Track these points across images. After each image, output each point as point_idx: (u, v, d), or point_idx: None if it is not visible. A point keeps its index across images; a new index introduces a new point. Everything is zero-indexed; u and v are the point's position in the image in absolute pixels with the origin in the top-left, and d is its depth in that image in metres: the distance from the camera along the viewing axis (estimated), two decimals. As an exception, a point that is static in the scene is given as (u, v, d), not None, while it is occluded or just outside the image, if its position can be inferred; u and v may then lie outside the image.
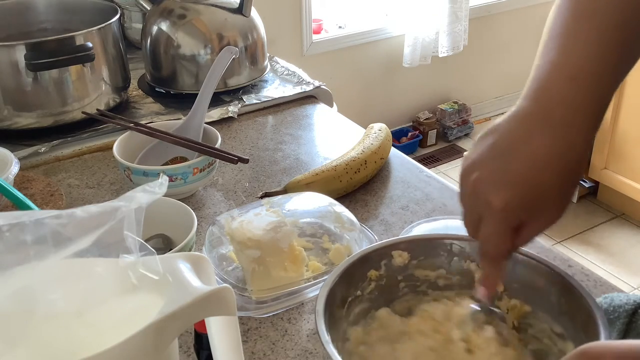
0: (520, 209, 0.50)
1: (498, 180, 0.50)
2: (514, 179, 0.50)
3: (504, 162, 0.50)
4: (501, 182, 0.50)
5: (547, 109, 0.50)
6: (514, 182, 0.50)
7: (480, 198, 0.51)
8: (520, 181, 0.49)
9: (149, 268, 0.45)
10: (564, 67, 0.50)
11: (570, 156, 0.50)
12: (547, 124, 0.49)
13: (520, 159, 0.50)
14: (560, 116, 0.49)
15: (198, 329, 0.54)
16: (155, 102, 1.20)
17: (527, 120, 0.50)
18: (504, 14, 3.17)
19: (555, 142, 0.49)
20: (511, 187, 0.50)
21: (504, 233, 0.51)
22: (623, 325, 0.58)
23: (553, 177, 0.49)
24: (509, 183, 0.50)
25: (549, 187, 0.50)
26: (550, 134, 0.49)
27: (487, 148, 0.51)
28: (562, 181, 0.50)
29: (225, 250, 0.74)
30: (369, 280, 0.60)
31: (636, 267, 2.36)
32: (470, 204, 0.53)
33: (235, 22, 1.19)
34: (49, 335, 0.43)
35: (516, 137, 0.50)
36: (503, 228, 0.51)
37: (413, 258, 0.61)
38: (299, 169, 1.00)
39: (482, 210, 0.51)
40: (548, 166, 0.49)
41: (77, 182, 0.97)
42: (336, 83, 2.39)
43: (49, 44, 1.02)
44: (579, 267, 0.77)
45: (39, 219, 0.41)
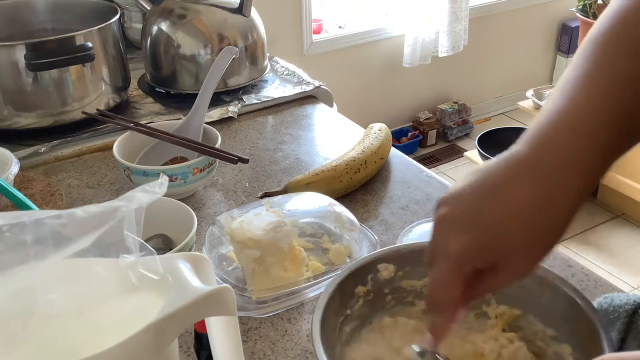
0: (478, 257, 0.46)
1: (463, 221, 0.46)
2: (479, 223, 0.46)
3: (475, 204, 0.46)
4: (465, 223, 0.46)
5: (537, 155, 0.46)
6: (478, 227, 0.46)
7: (441, 236, 0.48)
8: (486, 227, 0.45)
9: (149, 268, 0.45)
10: (568, 117, 0.46)
11: (549, 211, 0.44)
12: (533, 171, 0.45)
13: (492, 204, 0.45)
14: (548, 165, 0.45)
15: (198, 329, 0.54)
16: (155, 102, 1.20)
17: (514, 164, 0.46)
18: (504, 14, 3.17)
19: (535, 191, 0.44)
20: (474, 232, 0.46)
21: (453, 279, 0.47)
22: (623, 325, 0.58)
23: (523, 230, 0.45)
24: (473, 227, 0.46)
25: (516, 239, 0.45)
26: (532, 182, 0.45)
27: (467, 185, 0.48)
28: (534, 236, 0.45)
29: (225, 250, 0.74)
30: (357, 297, 0.59)
31: (636, 267, 2.36)
32: (433, 241, 0.49)
33: (235, 22, 1.19)
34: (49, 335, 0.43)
35: (497, 180, 0.46)
36: (453, 274, 0.47)
37: (399, 269, 0.61)
38: (299, 169, 1.00)
39: (438, 248, 0.48)
40: (520, 216, 0.44)
41: (77, 182, 0.97)
42: (336, 83, 2.39)
43: (49, 44, 1.02)
44: (579, 267, 0.76)
45: (39, 219, 0.41)
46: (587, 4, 2.84)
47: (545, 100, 0.51)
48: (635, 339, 0.57)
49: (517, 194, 0.45)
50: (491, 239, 0.45)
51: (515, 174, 0.46)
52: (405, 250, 0.62)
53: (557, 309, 0.55)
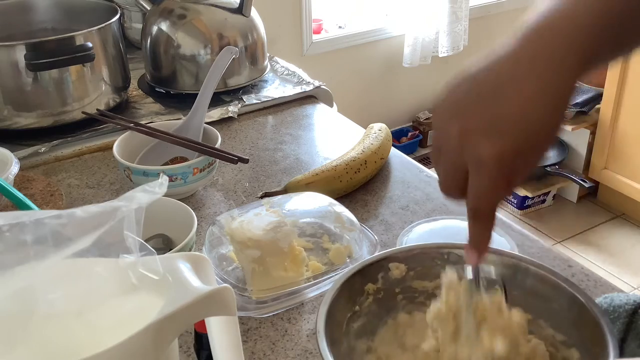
0: (516, 154, 0.46)
1: (487, 128, 0.46)
2: (506, 125, 0.45)
3: (491, 107, 0.46)
4: (492, 130, 0.45)
5: (538, 46, 0.46)
6: (506, 129, 0.45)
7: (469, 151, 0.46)
8: (512, 127, 0.45)
9: (149, 268, 0.45)
10: (567, 10, 0.46)
11: (561, 99, 0.46)
12: (537, 61, 0.45)
13: (509, 103, 0.45)
14: (553, 51, 0.45)
15: (198, 329, 0.54)
16: (155, 102, 1.20)
17: (513, 60, 0.46)
18: (504, 14, 3.17)
19: (549, 84, 0.45)
20: (504, 135, 0.45)
21: (500, 186, 0.47)
22: (623, 325, 0.58)
23: (544, 118, 0.46)
24: (501, 130, 0.45)
25: (540, 129, 0.46)
26: (540, 72, 0.45)
27: (465, 93, 0.47)
28: (553, 120, 0.46)
29: (225, 250, 0.74)
30: (367, 295, 0.59)
31: (636, 267, 2.36)
32: (454, 159, 0.48)
33: (235, 22, 1.19)
34: (49, 335, 0.43)
35: (501, 79, 0.46)
36: (499, 181, 0.46)
37: (410, 269, 0.60)
38: (299, 169, 1.00)
39: (471, 164, 0.47)
40: (539, 107, 0.45)
41: (77, 182, 0.97)
42: (336, 83, 2.39)
43: (49, 44, 1.02)
44: (579, 267, 0.76)
45: (39, 219, 0.41)
46: (587, 4, 2.84)
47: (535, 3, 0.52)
48: (635, 339, 0.57)
49: (531, 86, 0.45)
50: (520, 136, 0.45)
51: (516, 71, 0.46)
52: (417, 251, 0.62)
53: (567, 313, 0.54)
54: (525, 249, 0.79)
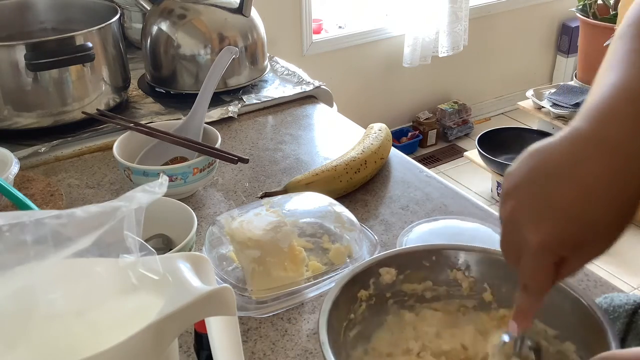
0: (561, 245, 0.44)
1: (537, 210, 0.44)
2: (556, 210, 0.44)
3: (546, 188, 0.44)
4: (540, 212, 0.44)
5: (602, 131, 0.44)
6: (555, 214, 0.44)
7: (517, 229, 0.46)
8: (563, 212, 0.44)
9: (149, 268, 0.45)
10: (626, 89, 0.45)
11: (624, 185, 0.43)
12: (600, 147, 0.43)
13: (564, 186, 0.43)
14: (615, 139, 0.43)
15: (198, 329, 0.54)
16: (155, 102, 1.20)
17: (578, 142, 0.44)
18: (504, 14, 3.17)
19: (608, 167, 0.43)
20: (551, 220, 0.44)
21: (545, 269, 0.46)
22: (623, 325, 0.58)
23: (601, 209, 0.43)
24: (550, 214, 0.44)
25: (596, 220, 0.43)
26: (602, 158, 0.43)
27: (529, 169, 0.46)
28: (612, 213, 0.44)
29: (225, 250, 0.74)
30: (360, 302, 0.59)
31: (636, 267, 2.36)
32: (507, 233, 0.48)
33: (235, 22, 1.19)
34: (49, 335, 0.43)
35: (564, 160, 0.44)
36: (542, 264, 0.45)
37: (400, 273, 0.60)
38: (299, 169, 1.00)
39: (520, 242, 0.46)
40: (596, 195, 0.43)
41: (77, 182, 0.97)
42: (336, 83, 2.39)
43: (49, 44, 1.02)
44: (579, 267, 0.76)
45: (39, 219, 0.41)
46: (587, 4, 2.84)
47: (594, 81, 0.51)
48: (635, 339, 0.57)
49: (587, 172, 0.43)
50: (570, 223, 0.44)
51: (581, 152, 0.44)
52: (406, 253, 0.62)
53: (559, 307, 0.55)
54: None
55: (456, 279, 0.60)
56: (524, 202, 0.45)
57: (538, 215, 0.44)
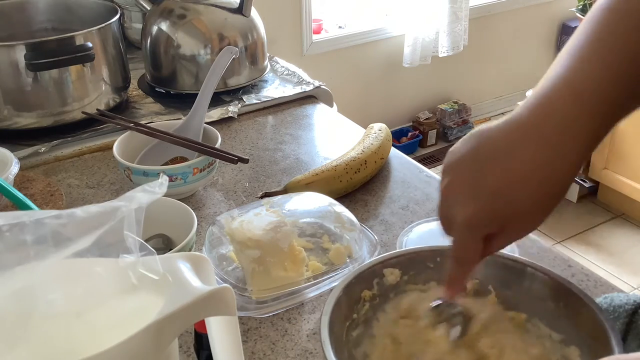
0: (487, 223, 0.48)
1: (467, 189, 0.48)
2: (483, 190, 0.47)
3: (478, 172, 0.47)
4: (469, 192, 0.48)
5: (539, 120, 0.46)
6: (482, 194, 0.47)
7: (449, 206, 0.50)
8: (491, 195, 0.47)
9: (149, 268, 0.45)
10: (569, 82, 0.46)
11: (550, 173, 0.46)
12: (535, 136, 0.46)
13: (495, 172, 0.46)
14: (550, 128, 0.45)
15: (198, 329, 0.54)
16: (155, 102, 1.20)
17: (516, 129, 0.47)
18: (504, 14, 3.17)
19: (537, 158, 0.45)
20: (478, 199, 0.47)
21: (471, 243, 0.50)
22: (623, 325, 0.58)
23: (527, 195, 0.46)
24: (477, 194, 0.47)
25: (522, 204, 0.47)
26: (534, 147, 0.46)
27: (468, 149, 0.49)
28: (538, 200, 0.46)
29: (225, 250, 0.74)
30: (363, 302, 0.59)
31: (636, 267, 2.36)
32: (442, 207, 0.52)
33: (235, 22, 1.19)
34: (49, 335, 0.43)
35: (499, 146, 0.47)
36: (470, 238, 0.50)
37: (404, 274, 0.60)
38: (299, 169, 1.00)
39: (449, 217, 0.50)
40: (524, 182, 0.46)
41: (77, 182, 0.97)
42: (336, 83, 2.39)
43: (49, 44, 1.02)
44: (579, 267, 0.76)
45: (39, 219, 0.41)
46: (587, 4, 2.84)
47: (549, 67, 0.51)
48: (635, 339, 0.57)
49: (520, 160, 0.46)
50: (497, 206, 0.47)
51: (517, 140, 0.46)
52: (410, 254, 0.62)
53: (563, 311, 0.54)
54: (525, 249, 0.78)
55: None
56: (458, 180, 0.49)
57: (467, 194, 0.48)
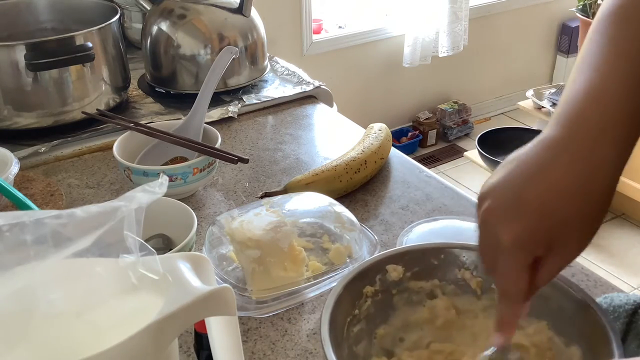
0: (533, 243, 0.46)
1: (508, 210, 0.46)
2: (527, 208, 0.45)
3: (517, 191, 0.46)
4: (511, 212, 0.46)
5: (569, 134, 0.46)
6: (527, 212, 0.45)
7: (490, 230, 0.47)
8: (532, 212, 0.45)
9: (149, 268, 0.45)
10: (591, 90, 0.46)
11: (592, 185, 0.45)
12: (567, 150, 0.45)
13: (534, 187, 0.45)
14: (581, 141, 0.45)
15: (198, 329, 0.54)
16: (155, 102, 1.20)
17: (548, 146, 0.47)
18: (504, 14, 3.17)
19: (573, 169, 0.45)
20: (521, 219, 0.45)
21: (519, 270, 0.47)
22: (623, 325, 0.58)
23: (571, 208, 0.45)
24: (521, 213, 0.45)
25: (566, 219, 0.45)
26: (569, 160, 0.45)
27: (504, 175, 0.47)
28: (583, 212, 0.45)
29: (225, 250, 0.74)
30: (365, 297, 0.59)
31: (636, 267, 2.36)
32: (482, 236, 0.49)
33: (235, 22, 1.19)
34: (49, 335, 0.43)
35: (534, 164, 0.46)
36: (517, 265, 0.46)
37: (407, 270, 0.60)
38: (299, 169, 1.00)
39: (494, 244, 0.47)
40: (565, 195, 0.45)
41: (77, 182, 0.97)
42: (336, 83, 2.39)
43: (49, 44, 1.02)
44: (579, 267, 0.76)
45: (39, 219, 0.41)
46: (587, 4, 2.84)
47: (566, 82, 0.53)
48: (635, 339, 0.57)
49: (556, 174, 0.45)
50: (541, 223, 0.45)
51: (551, 156, 0.46)
52: (414, 251, 0.62)
53: (566, 312, 0.54)
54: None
55: (464, 278, 0.60)
56: (497, 203, 0.47)
57: (510, 214, 0.46)
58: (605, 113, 0.46)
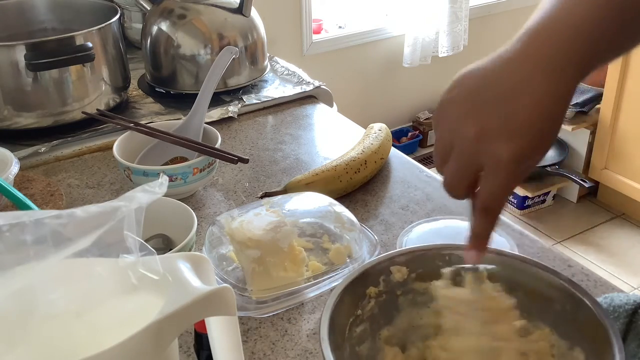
0: (527, 158, 0.48)
1: (505, 129, 0.47)
2: (522, 127, 0.47)
3: (507, 108, 0.47)
4: (509, 131, 0.47)
5: (545, 52, 0.48)
6: (522, 130, 0.47)
7: (488, 151, 0.48)
8: (528, 128, 0.47)
9: (149, 268, 0.45)
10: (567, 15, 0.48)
11: (565, 101, 0.48)
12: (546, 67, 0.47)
13: (523, 105, 0.47)
14: (559, 61, 0.47)
15: (198, 329, 0.54)
16: (155, 102, 1.20)
17: (523, 62, 0.48)
18: (504, 14, 3.17)
19: (555, 87, 0.47)
20: (521, 136, 0.47)
21: (512, 185, 0.48)
22: (623, 325, 0.58)
23: (553, 123, 0.48)
24: (518, 132, 0.47)
25: (548, 133, 0.48)
26: (550, 79, 0.47)
27: (477, 93, 0.49)
28: (558, 122, 0.48)
29: (225, 250, 0.74)
30: (369, 298, 0.58)
31: (636, 267, 2.36)
32: (468, 158, 0.49)
33: (235, 22, 1.19)
34: (49, 335, 0.43)
35: (516, 80, 0.48)
36: (512, 180, 0.48)
37: (412, 271, 0.60)
38: (299, 169, 1.00)
39: (489, 164, 0.48)
40: (550, 112, 0.47)
41: (77, 182, 0.97)
42: (336, 83, 2.39)
43: (49, 44, 1.02)
44: (579, 267, 0.76)
45: (39, 219, 0.40)
46: (587, 4, 2.84)
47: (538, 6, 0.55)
48: (635, 339, 0.57)
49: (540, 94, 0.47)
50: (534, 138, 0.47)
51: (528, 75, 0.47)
52: (418, 252, 0.61)
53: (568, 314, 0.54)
54: (525, 249, 0.79)
55: None
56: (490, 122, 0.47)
57: (509, 132, 0.47)
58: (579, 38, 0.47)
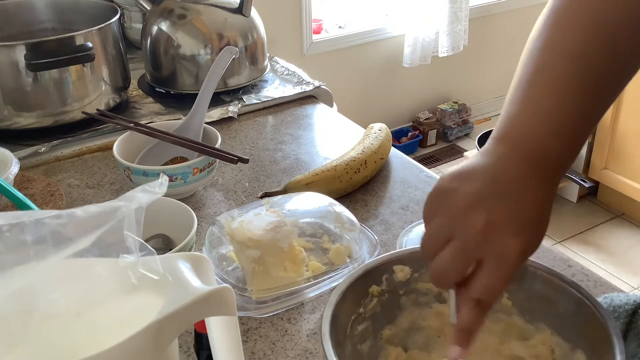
0: (530, 253, 0.49)
1: (514, 223, 0.48)
2: (532, 223, 0.49)
3: (514, 206, 0.48)
4: (518, 225, 0.48)
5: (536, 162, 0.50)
6: (533, 227, 0.49)
7: (494, 242, 0.47)
8: (537, 225, 0.49)
9: (149, 268, 0.45)
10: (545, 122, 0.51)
11: (552, 199, 0.51)
12: (539, 172, 0.50)
13: (532, 201, 0.49)
14: (552, 169, 0.51)
15: (198, 329, 0.54)
16: (155, 102, 1.20)
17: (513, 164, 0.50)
18: (504, 14, 3.17)
19: (547, 190, 0.50)
20: (529, 232, 0.49)
21: (510, 279, 0.48)
22: (623, 325, 0.58)
23: (547, 219, 0.50)
24: (527, 227, 0.48)
25: (546, 228, 0.50)
26: (543, 182, 0.50)
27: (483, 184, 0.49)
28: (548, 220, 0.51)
29: (225, 250, 0.74)
30: (371, 297, 0.59)
31: (636, 267, 2.36)
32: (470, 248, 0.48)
33: (235, 22, 1.19)
34: (49, 335, 0.43)
35: (515, 180, 0.49)
36: (512, 274, 0.48)
37: (415, 271, 0.60)
38: (299, 169, 1.00)
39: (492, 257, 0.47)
40: (548, 211, 0.50)
41: (77, 182, 0.97)
42: (336, 83, 2.39)
43: (49, 44, 1.02)
44: (578, 267, 0.76)
45: (39, 219, 0.40)
46: (587, 4, 2.84)
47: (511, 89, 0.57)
48: (635, 339, 0.57)
49: (538, 193, 0.50)
50: (537, 236, 0.50)
51: (524, 175, 0.50)
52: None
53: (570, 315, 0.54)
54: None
55: None
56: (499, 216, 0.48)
57: (516, 229, 0.48)
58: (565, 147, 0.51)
